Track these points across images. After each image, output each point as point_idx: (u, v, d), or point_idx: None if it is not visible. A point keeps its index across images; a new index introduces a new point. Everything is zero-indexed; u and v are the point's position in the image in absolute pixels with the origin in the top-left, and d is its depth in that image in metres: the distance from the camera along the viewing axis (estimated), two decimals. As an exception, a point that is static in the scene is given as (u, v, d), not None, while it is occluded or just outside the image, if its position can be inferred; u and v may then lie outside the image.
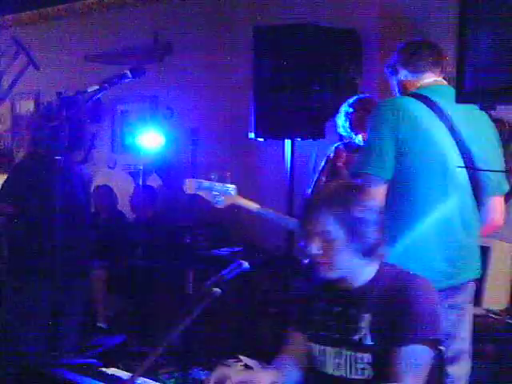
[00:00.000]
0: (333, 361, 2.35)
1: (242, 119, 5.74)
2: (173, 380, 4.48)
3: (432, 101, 2.89)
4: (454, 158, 2.88)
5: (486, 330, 4.45)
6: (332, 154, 4.40)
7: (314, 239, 2.29)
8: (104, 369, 2.60)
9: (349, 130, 4.12)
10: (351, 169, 3.00)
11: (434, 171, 2.86)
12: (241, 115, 5.85)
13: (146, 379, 2.41)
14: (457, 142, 2.87)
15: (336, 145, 4.43)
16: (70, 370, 2.53)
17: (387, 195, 2.81)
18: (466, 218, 2.94)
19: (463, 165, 2.88)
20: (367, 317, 2.29)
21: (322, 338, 2.39)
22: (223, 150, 6.53)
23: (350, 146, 4.23)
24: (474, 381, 4.60)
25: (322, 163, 4.45)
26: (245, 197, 3.48)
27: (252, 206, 3.42)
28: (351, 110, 4.11)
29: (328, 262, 2.29)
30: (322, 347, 2.38)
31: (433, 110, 2.87)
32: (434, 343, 2.26)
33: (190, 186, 3.42)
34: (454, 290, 2.92)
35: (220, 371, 2.24)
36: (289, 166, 5.35)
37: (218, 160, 6.30)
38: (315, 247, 2.29)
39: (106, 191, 7.03)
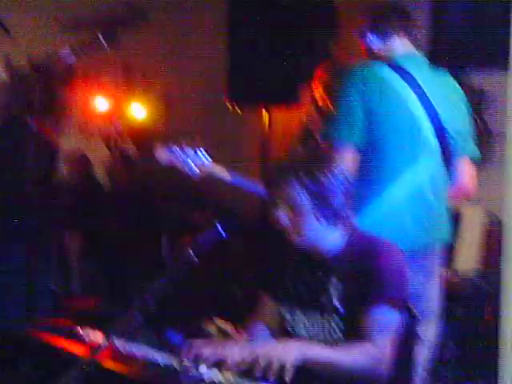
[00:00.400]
0: (303, 324, 2.41)
1: (216, 86, 5.72)
2: (147, 342, 4.51)
3: (400, 67, 2.90)
4: (424, 124, 2.90)
5: (455, 291, 4.55)
6: (306, 119, 4.40)
7: (281, 205, 2.32)
8: (78, 329, 2.62)
9: (324, 97, 4.10)
10: (320, 133, 3.00)
11: (404, 137, 2.88)
12: (215, 82, 5.83)
13: (120, 340, 2.45)
14: (426, 108, 2.89)
15: (311, 110, 4.43)
16: (44, 331, 2.55)
17: (360, 163, 2.83)
18: (435, 182, 2.98)
19: (433, 130, 2.90)
20: (336, 281, 2.33)
21: (293, 302, 2.44)
22: (197, 117, 6.52)
23: (325, 112, 4.22)
24: (442, 341, 4.72)
25: (298, 129, 4.45)
26: (219, 165, 3.46)
27: (226, 174, 3.39)
28: (325, 76, 4.11)
29: (295, 227, 2.33)
30: (292, 311, 2.44)
31: (401, 76, 2.89)
32: (402, 304, 2.30)
33: (161, 154, 3.36)
34: (424, 251, 2.97)
35: (195, 347, 2.27)
36: (264, 132, 5.36)
37: (191, 125, 6.29)
38: (282, 213, 2.32)
39: (81, 157, 6.99)
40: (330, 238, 2.36)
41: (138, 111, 6.44)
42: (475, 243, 4.90)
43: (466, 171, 3.14)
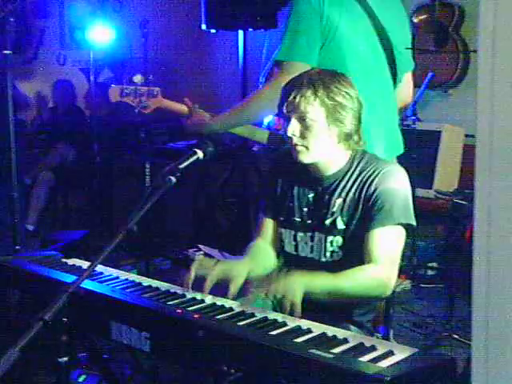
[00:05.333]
0: (305, 244, 2.40)
1: (193, 11, 5.64)
2: (135, 270, 4.58)
3: None
4: (375, 40, 2.85)
5: (436, 211, 4.62)
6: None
7: (293, 121, 2.27)
8: (65, 260, 2.65)
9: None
10: (273, 56, 2.89)
11: (359, 54, 2.82)
12: (192, 6, 5.74)
13: (106, 267, 2.48)
14: (374, 23, 2.84)
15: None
16: (31, 261, 2.58)
17: None
18: (388, 98, 2.97)
19: (381, 46, 2.87)
20: (339, 201, 2.33)
21: (295, 223, 2.42)
22: (175, 42, 6.44)
23: None
24: (424, 259, 4.82)
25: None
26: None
27: (178, 107, 3.31)
28: None
29: (305, 145, 2.29)
30: (294, 232, 2.42)
31: None
32: (407, 226, 2.30)
33: (113, 93, 3.32)
34: None
35: (198, 269, 2.25)
36: (241, 56, 5.32)
37: (169, 52, 6.22)
38: (293, 130, 2.28)
39: (66, 86, 6.92)
40: (336, 158, 2.34)
41: (115, 39, 6.33)
42: (455, 163, 4.95)
43: (409, 83, 3.15)
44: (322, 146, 2.29)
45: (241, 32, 5.29)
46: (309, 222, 2.39)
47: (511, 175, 1.28)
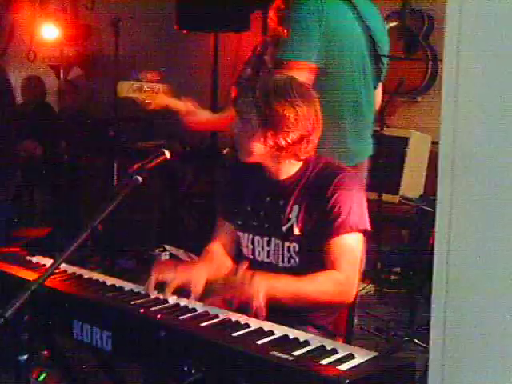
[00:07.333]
0: (262, 249, 2.40)
1: (166, 11, 5.64)
2: (100, 269, 4.55)
3: None
4: (365, 46, 2.95)
5: (401, 216, 4.67)
6: (259, 47, 4.36)
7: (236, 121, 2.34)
8: (29, 257, 2.63)
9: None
10: (276, 56, 2.96)
11: (353, 60, 2.92)
12: (165, 7, 5.74)
13: (70, 265, 2.47)
14: (364, 30, 2.94)
15: (263, 37, 4.38)
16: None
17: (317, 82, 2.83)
18: (370, 102, 3.05)
19: (368, 51, 2.97)
20: (296, 207, 2.33)
21: (252, 227, 2.43)
22: (148, 42, 6.42)
23: (277, 40, 4.17)
24: (388, 264, 4.86)
25: (249, 55, 4.41)
26: (174, 95, 3.40)
27: (181, 105, 3.30)
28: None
29: (243, 145, 2.34)
30: (251, 236, 2.43)
31: None
32: (364, 231, 2.31)
33: (121, 88, 3.28)
34: (360, 166, 3.05)
35: (158, 274, 2.25)
36: (213, 58, 5.33)
37: (142, 52, 6.20)
38: (236, 128, 2.34)
39: (35, 82, 6.84)
40: (286, 164, 2.35)
41: (87, 38, 6.31)
42: (421, 169, 5.00)
43: (380, 92, 3.22)
44: (257, 148, 2.31)
45: (212, 34, 5.30)
46: (266, 225, 2.40)
47: (472, 181, 1.30)
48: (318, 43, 2.81)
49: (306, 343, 1.84)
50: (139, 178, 2.16)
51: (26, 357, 2.01)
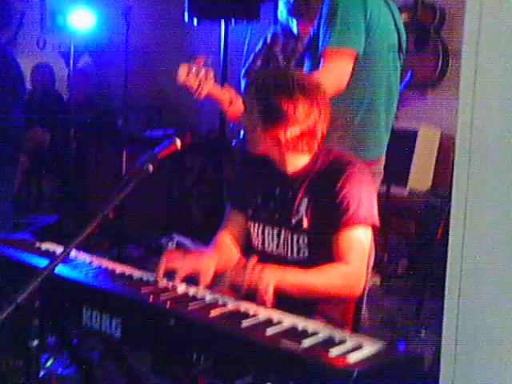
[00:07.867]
0: (271, 240, 2.41)
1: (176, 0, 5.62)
2: (108, 257, 4.57)
3: None
4: (396, 42, 3.00)
5: (409, 209, 4.67)
6: (269, 39, 4.32)
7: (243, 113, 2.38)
8: (38, 244, 2.64)
9: (286, 16, 4.01)
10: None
11: (386, 52, 2.96)
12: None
13: (79, 252, 2.48)
14: (395, 24, 2.99)
15: (273, 29, 4.35)
16: (3, 244, 2.56)
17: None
18: (396, 96, 3.08)
19: (398, 48, 3.00)
20: (305, 201, 2.33)
21: (262, 217, 2.43)
22: (157, 31, 6.41)
23: (287, 32, 4.13)
24: (396, 255, 4.86)
25: (259, 46, 4.38)
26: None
27: (224, 95, 3.12)
28: None
29: (249, 137, 2.37)
30: (262, 226, 2.43)
31: None
32: (373, 224, 2.31)
33: (182, 71, 3.04)
34: (382, 159, 3.06)
35: (167, 263, 2.26)
36: (222, 48, 5.32)
37: (151, 41, 6.19)
38: (242, 120, 2.38)
39: (45, 70, 6.85)
40: (295, 157, 2.35)
41: (97, 24, 6.29)
42: (430, 162, 4.99)
43: None
44: (261, 139, 2.33)
45: (222, 23, 5.28)
46: (276, 216, 2.40)
47: (488, 174, 1.30)
48: (363, 32, 2.87)
49: (315, 333, 1.84)
50: (150, 168, 2.16)
51: (36, 342, 2.02)
